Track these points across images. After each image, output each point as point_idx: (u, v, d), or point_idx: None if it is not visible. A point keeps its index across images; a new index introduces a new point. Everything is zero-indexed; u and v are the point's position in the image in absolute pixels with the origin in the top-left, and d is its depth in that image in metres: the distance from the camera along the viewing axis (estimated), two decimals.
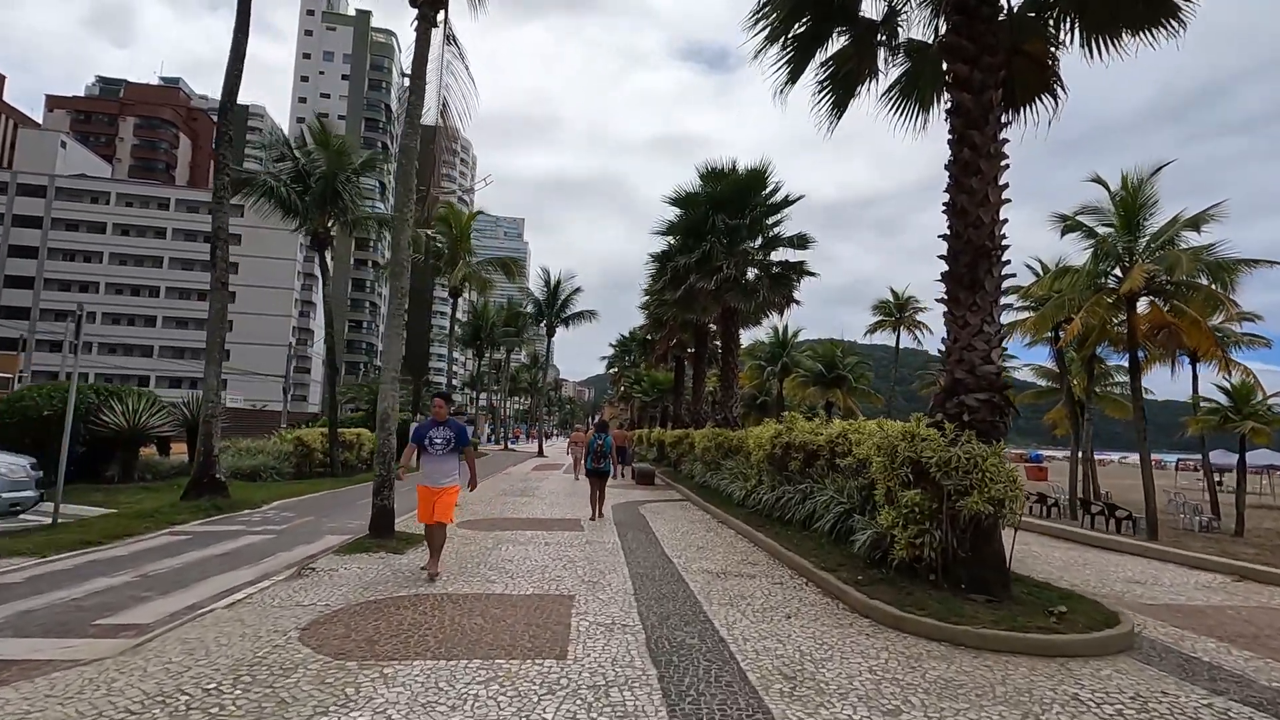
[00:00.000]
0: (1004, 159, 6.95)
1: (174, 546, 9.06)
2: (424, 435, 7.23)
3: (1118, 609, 6.04)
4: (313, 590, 6.53)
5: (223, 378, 20.82)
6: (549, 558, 8.47)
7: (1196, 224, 16.95)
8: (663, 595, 6.65)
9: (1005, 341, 29.04)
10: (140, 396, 16.55)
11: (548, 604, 6.17)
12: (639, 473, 21.38)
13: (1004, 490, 6.03)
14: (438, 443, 7.16)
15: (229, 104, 13.59)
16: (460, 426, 7.34)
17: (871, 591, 6.29)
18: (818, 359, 41.60)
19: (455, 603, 6.12)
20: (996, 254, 6.81)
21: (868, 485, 8.54)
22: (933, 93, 8.84)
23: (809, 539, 9.21)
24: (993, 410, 6.58)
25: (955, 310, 6.89)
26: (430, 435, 7.20)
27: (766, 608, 6.27)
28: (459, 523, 11.24)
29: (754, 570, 8.03)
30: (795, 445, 10.96)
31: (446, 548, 8.78)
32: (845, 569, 7.28)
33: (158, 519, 11.05)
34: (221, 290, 13.31)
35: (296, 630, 5.20)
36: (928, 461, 6.32)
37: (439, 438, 7.18)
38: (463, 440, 7.29)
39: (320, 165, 20.24)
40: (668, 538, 10.41)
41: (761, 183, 18.13)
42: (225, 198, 13.42)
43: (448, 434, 7.20)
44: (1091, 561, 9.63)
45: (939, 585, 6.29)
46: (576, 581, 7.14)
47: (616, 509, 14.10)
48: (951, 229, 7.02)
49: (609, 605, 6.19)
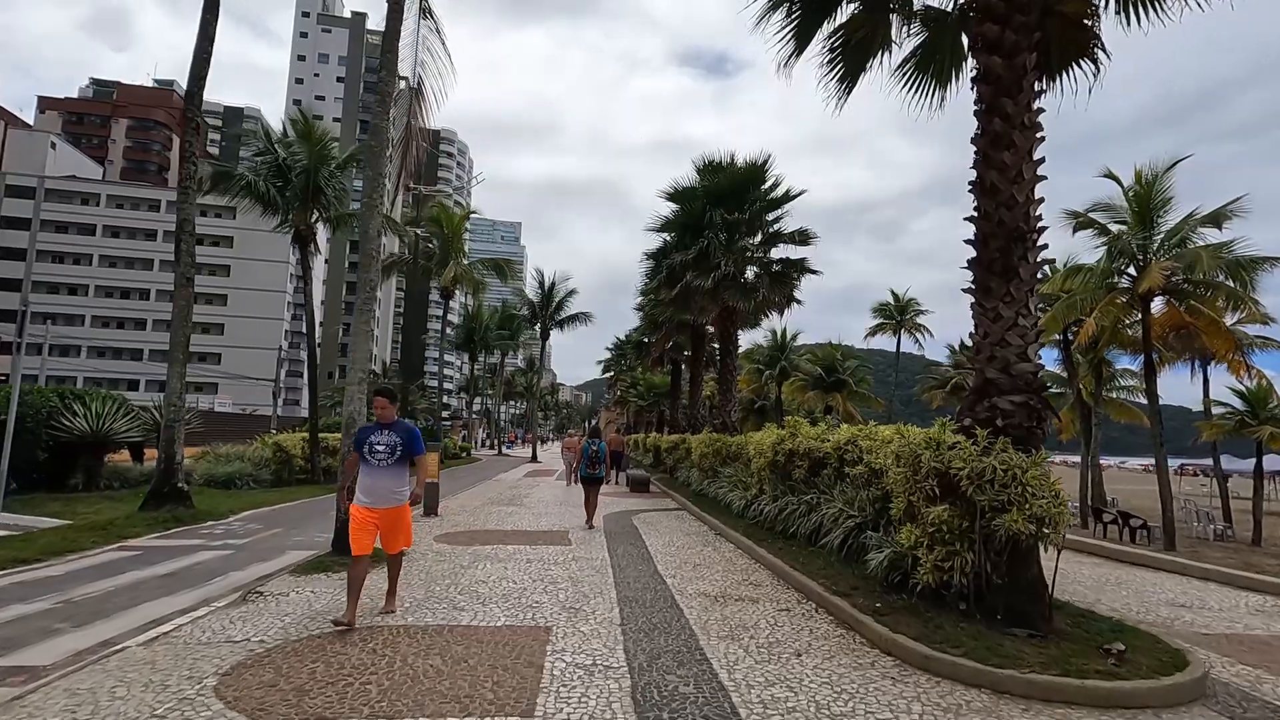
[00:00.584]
0: (1039, 130, 6.16)
1: (116, 565, 8.21)
2: (364, 441, 5.72)
3: (1182, 645, 5.22)
4: (252, 620, 5.69)
5: (214, 381, 19.28)
6: (529, 578, 7.63)
7: (1217, 220, 16.21)
8: (653, 626, 5.81)
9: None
10: (106, 399, 15.68)
11: (520, 638, 5.33)
12: (633, 480, 20.54)
13: (1048, 507, 5.21)
14: (380, 450, 5.64)
15: (197, 88, 12.77)
16: (409, 429, 5.83)
17: (893, 623, 5.46)
18: (817, 363, 40.83)
19: (412, 637, 5.27)
20: (1032, 237, 6.01)
21: (881, 497, 7.73)
22: (951, 67, 8.06)
23: (816, 556, 8.39)
24: (1030, 414, 5.77)
25: (986, 302, 6.08)
26: (371, 442, 5.69)
27: (772, 642, 5.44)
28: (435, 537, 10.43)
29: (756, 593, 7.20)
30: (800, 452, 10.15)
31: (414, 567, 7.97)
32: (860, 593, 6.45)
33: (109, 532, 10.19)
34: (186, 287, 12.47)
35: (215, 677, 4.36)
36: (957, 473, 5.50)
37: (382, 444, 5.66)
38: (413, 447, 5.77)
39: (301, 159, 19.44)
40: (661, 553, 9.58)
41: (761, 177, 17.34)
42: (191, 189, 12.59)
43: (393, 439, 5.69)
44: (1125, 580, 8.82)
45: (970, 615, 5.47)
46: (556, 608, 6.30)
47: (608, 519, 13.27)
48: (980, 210, 6.23)
49: (590, 640, 5.36)
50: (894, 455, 6.37)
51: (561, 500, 16.81)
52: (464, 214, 36.02)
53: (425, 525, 11.63)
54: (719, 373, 20.24)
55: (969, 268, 6.32)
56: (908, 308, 42.56)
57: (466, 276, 33.08)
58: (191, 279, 12.61)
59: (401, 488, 5.76)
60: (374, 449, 5.66)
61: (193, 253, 12.56)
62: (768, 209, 17.74)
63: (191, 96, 12.79)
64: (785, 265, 17.92)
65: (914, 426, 7.27)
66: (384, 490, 5.67)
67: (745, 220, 17.27)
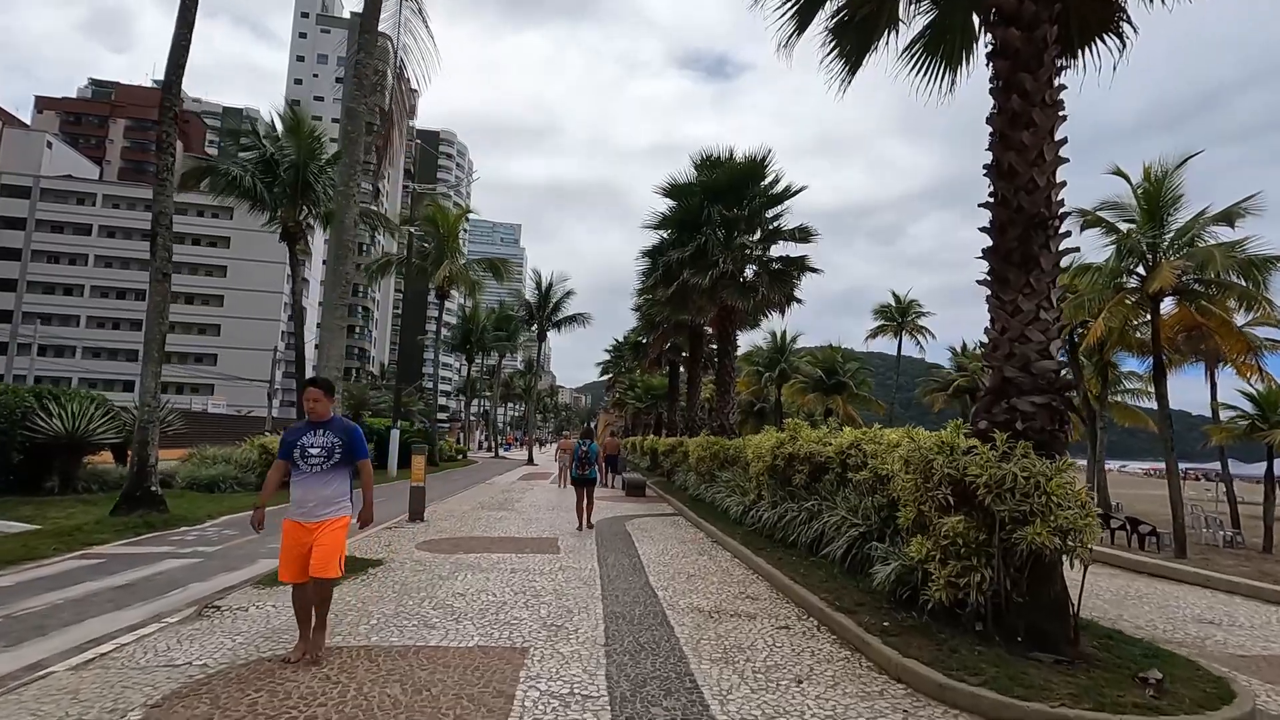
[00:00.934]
0: (1061, 109, 5.68)
1: (73, 575, 7.70)
2: (293, 444, 4.79)
3: (1223, 672, 4.73)
4: (201, 640, 5.19)
5: (210, 383, 18.50)
6: (511, 590, 7.14)
7: (1229, 217, 15.74)
8: (640, 646, 5.32)
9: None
10: (83, 399, 15.18)
11: (493, 662, 4.84)
12: (629, 483, 20.05)
13: (1074, 518, 4.72)
14: (313, 454, 4.71)
15: (175, 77, 12.33)
16: (350, 429, 4.91)
17: (903, 645, 4.97)
18: (817, 365, 40.35)
19: (373, 661, 4.78)
20: (1054, 224, 5.53)
21: (887, 505, 7.25)
22: (962, 48, 7.59)
23: (817, 567, 7.89)
24: (1052, 417, 5.28)
25: (1003, 294, 5.60)
26: (303, 444, 4.74)
27: (771, 666, 4.94)
28: (417, 544, 9.91)
29: (754, 608, 6.70)
30: (800, 456, 9.65)
31: (390, 577, 7.48)
32: (865, 610, 5.96)
33: (75, 539, 9.69)
34: (162, 283, 11.99)
35: (141, 710, 3.86)
36: (974, 481, 5.01)
37: (316, 447, 4.73)
38: (355, 449, 4.85)
39: (290, 154, 19.00)
40: (654, 562, 9.08)
41: (760, 172, 16.86)
42: (169, 181, 12.14)
43: (330, 440, 4.76)
44: (1145, 593, 8.32)
45: (988, 637, 4.98)
46: (536, 626, 5.81)
47: (600, 525, 12.78)
48: (997, 195, 5.75)
49: (570, 663, 4.86)
50: (902, 460, 5.88)
51: (554, 504, 16.32)
52: (460, 212, 35.60)
53: (409, 531, 11.14)
54: (717, 374, 19.76)
55: (984, 257, 5.84)
56: (909, 309, 42.11)
57: (462, 276, 32.64)
58: (168, 274, 12.13)
59: (340, 498, 4.80)
60: (307, 452, 4.73)
61: (169, 247, 12.09)
62: (767, 205, 17.25)
63: (169, 86, 12.35)
64: (785, 263, 17.43)
65: (922, 429, 6.78)
66: (314, 501, 4.67)
67: (744, 217, 16.77)
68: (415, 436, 30.21)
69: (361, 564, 8.14)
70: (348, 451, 4.81)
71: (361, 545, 9.65)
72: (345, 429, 4.88)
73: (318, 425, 4.84)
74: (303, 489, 4.71)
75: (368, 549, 9.31)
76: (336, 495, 4.78)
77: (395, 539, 10.36)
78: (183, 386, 69.58)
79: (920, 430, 6.68)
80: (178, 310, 72.18)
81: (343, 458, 4.79)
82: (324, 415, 4.89)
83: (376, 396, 40.92)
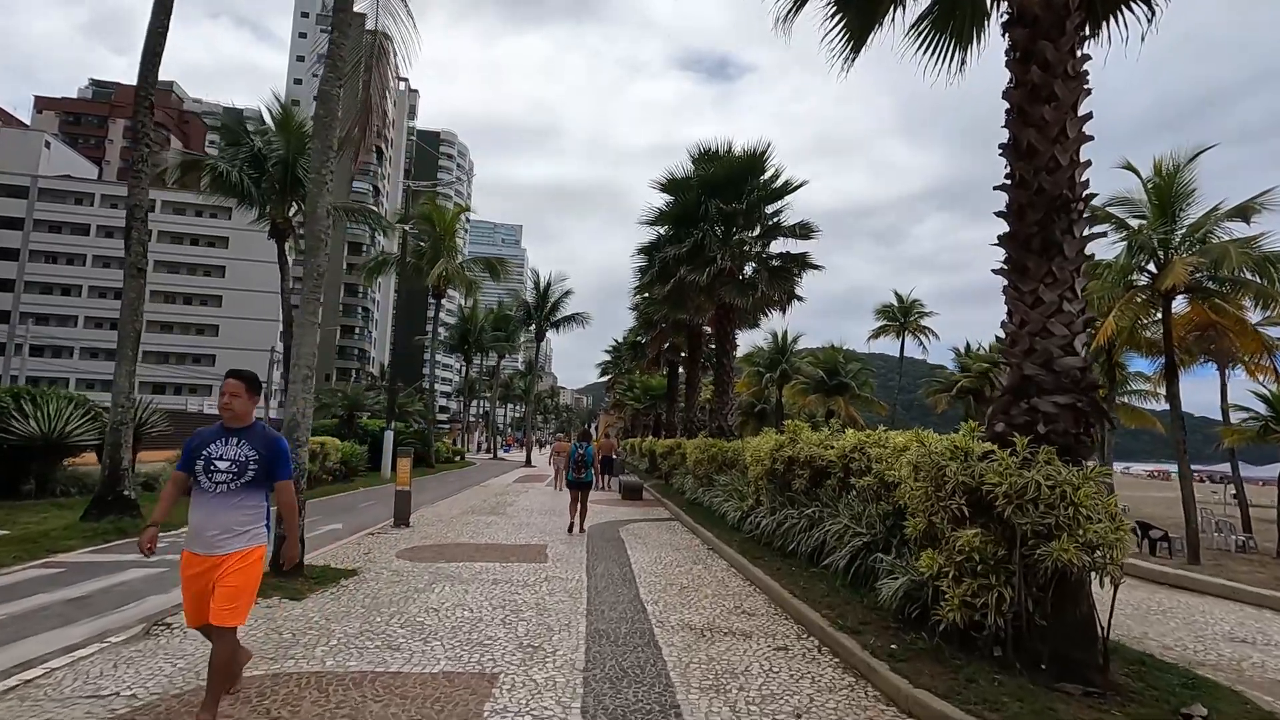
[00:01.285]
0: (1085, 82, 5.19)
1: (27, 586, 7.23)
2: (197, 453, 3.73)
3: (1275, 706, 4.23)
4: (140, 663, 4.72)
5: (207, 384, 17.64)
6: (490, 604, 6.65)
7: (1244, 213, 15.24)
8: (623, 671, 4.83)
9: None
10: (61, 399, 14.72)
11: (457, 692, 4.35)
12: (626, 486, 19.56)
13: (1105, 532, 4.23)
14: (220, 469, 3.66)
15: (152, 64, 11.85)
16: (272, 440, 3.84)
17: (913, 672, 4.48)
18: (819, 365, 39.83)
19: (322, 691, 4.29)
20: (1078, 206, 5.04)
21: (893, 513, 6.76)
22: (973, 25, 7.10)
23: (818, 579, 7.40)
24: (1077, 419, 4.79)
25: (1022, 284, 5.10)
26: (209, 454, 3.70)
27: (766, 695, 4.45)
28: (398, 552, 9.41)
29: (750, 625, 6.21)
30: (800, 460, 9.16)
31: (361, 589, 6.98)
32: (871, 629, 5.46)
33: (40, 545, 9.24)
34: (136, 278, 11.53)
35: None
36: (991, 490, 4.52)
37: (225, 459, 3.68)
38: (274, 467, 3.82)
39: (278, 149, 18.53)
40: (646, 572, 8.59)
41: (760, 166, 16.34)
42: (144, 172, 11.67)
43: (245, 453, 3.72)
44: (1169, 607, 7.81)
45: (1008, 665, 4.49)
46: (511, 646, 5.32)
47: (593, 530, 12.30)
48: (1015, 176, 5.26)
49: (542, 693, 4.38)
50: (911, 466, 5.39)
51: (547, 509, 15.83)
52: (457, 210, 35.15)
53: (392, 538, 10.65)
54: (715, 374, 19.26)
55: (1000, 244, 5.35)
56: (912, 309, 41.59)
57: (458, 275, 32.16)
58: (143, 269, 11.67)
59: (253, 525, 3.72)
60: (212, 466, 3.66)
61: (144, 241, 11.64)
62: (767, 200, 16.73)
63: (145, 75, 11.87)
64: (785, 260, 16.91)
65: (933, 433, 6.29)
66: (221, 528, 3.63)
67: (743, 211, 16.26)
68: (411, 438, 29.75)
69: (334, 574, 7.66)
70: (266, 468, 3.77)
71: (338, 553, 9.18)
72: (267, 440, 3.83)
73: (233, 432, 3.77)
74: (203, 513, 3.66)
75: (344, 557, 8.83)
76: (248, 522, 3.70)
77: (376, 546, 9.88)
78: (180, 387, 69.34)
79: (930, 433, 6.19)
80: (176, 310, 72.01)
81: (257, 476, 3.74)
82: (242, 418, 3.81)
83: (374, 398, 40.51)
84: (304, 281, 7.72)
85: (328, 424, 28.95)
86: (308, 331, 7.70)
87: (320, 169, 7.80)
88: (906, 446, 6.28)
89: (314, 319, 7.77)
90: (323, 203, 7.73)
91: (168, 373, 66.56)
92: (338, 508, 14.85)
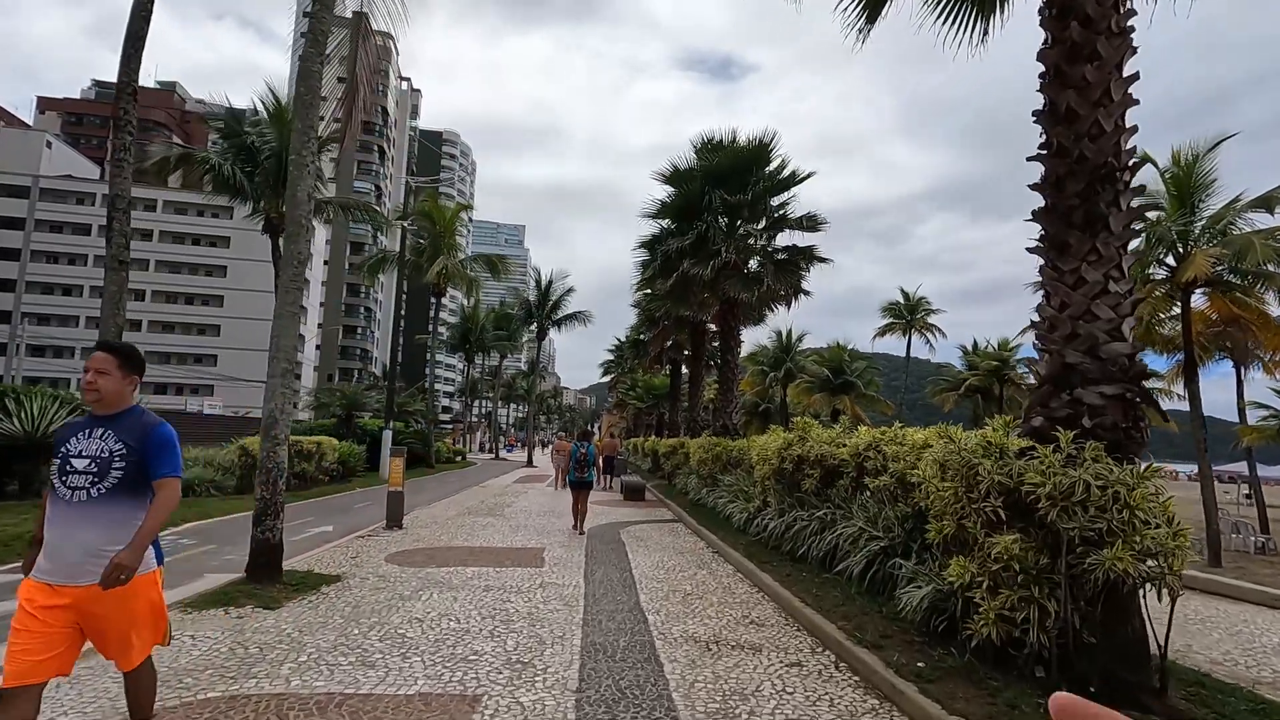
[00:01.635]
0: (1130, 37, 4.70)
1: None
2: (55, 450, 2.91)
3: None
4: (88, 682, 4.25)
5: (209, 384, 17.14)
6: (480, 614, 6.18)
7: (1268, 204, 14.71)
8: (620, 692, 4.35)
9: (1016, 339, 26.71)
10: (46, 398, 14.30)
11: (434, 716, 3.88)
12: (628, 487, 19.08)
13: (1164, 539, 3.74)
14: (76, 469, 2.81)
15: (134, 49, 11.40)
16: (150, 428, 2.93)
17: (945, 694, 3.99)
18: (824, 364, 39.27)
19: (279, 717, 3.82)
20: (1125, 177, 4.55)
21: (913, 515, 6.28)
22: None
23: (832, 586, 6.91)
24: (1126, 411, 4.30)
25: (1062, 263, 4.61)
26: (66, 451, 2.86)
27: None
28: (387, 556, 8.95)
29: (759, 637, 5.72)
30: (810, 459, 8.68)
31: (343, 597, 6.49)
32: (893, 644, 4.97)
33: (10, 550, 8.84)
34: (118, 271, 11.05)
35: None
36: (1033, 491, 4.03)
37: (84, 457, 2.82)
38: (151, 460, 2.89)
39: (272, 142, 18.10)
40: (647, 577, 8.11)
41: (765, 156, 15.83)
42: (126, 161, 11.19)
43: (110, 446, 2.84)
44: (1208, 615, 7.30)
45: (1051, 687, 3.99)
46: (499, 663, 4.84)
47: (593, 532, 11.84)
48: (1052, 144, 4.76)
49: (529, 718, 3.90)
50: (937, 465, 4.89)
51: (547, 510, 15.36)
52: (457, 207, 34.72)
53: (382, 541, 10.19)
54: (719, 372, 18.76)
55: (1035, 219, 4.86)
56: (918, 307, 41.02)
57: (459, 273, 31.72)
58: (125, 262, 11.19)
59: (121, 538, 2.79)
60: (68, 465, 2.82)
61: (126, 233, 11.16)
62: (773, 191, 16.21)
63: (127, 59, 11.39)
64: (791, 253, 16.41)
65: (959, 428, 5.80)
66: (82, 548, 2.76)
67: (748, 203, 15.75)
68: (411, 438, 29.31)
69: (316, 580, 7.21)
70: (137, 465, 2.85)
71: (324, 557, 8.72)
72: (142, 428, 2.92)
73: (99, 421, 2.91)
74: (59, 530, 2.77)
75: (329, 562, 8.38)
76: (120, 541, 2.78)
77: (364, 549, 9.42)
78: (181, 387, 69.12)
79: (958, 428, 5.70)
80: (177, 310, 71.78)
81: (125, 477, 2.83)
82: (111, 403, 2.92)
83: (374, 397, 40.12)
84: (283, 269, 7.27)
85: (326, 424, 28.54)
86: (288, 323, 7.24)
87: (301, 150, 7.34)
88: (928, 443, 5.81)
89: (294, 309, 7.30)
90: (303, 186, 7.27)
91: (168, 373, 66.30)
92: (332, 509, 14.41)
